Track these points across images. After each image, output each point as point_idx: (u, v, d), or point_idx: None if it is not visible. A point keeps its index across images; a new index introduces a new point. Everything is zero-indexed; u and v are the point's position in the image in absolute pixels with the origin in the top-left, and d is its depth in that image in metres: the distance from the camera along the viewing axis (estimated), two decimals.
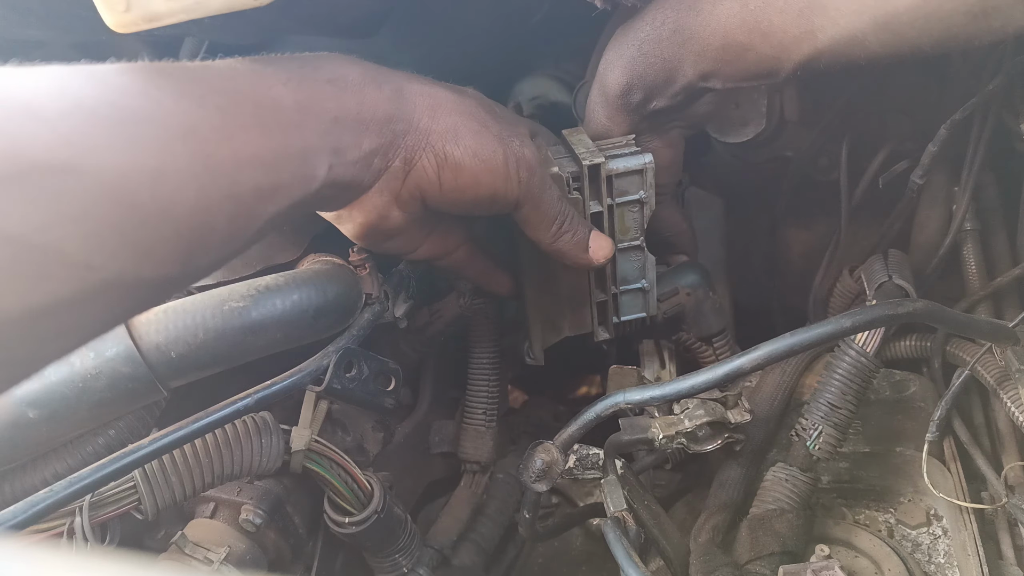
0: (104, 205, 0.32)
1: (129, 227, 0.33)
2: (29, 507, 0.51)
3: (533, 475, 0.57)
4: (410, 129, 0.52)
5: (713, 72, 0.58)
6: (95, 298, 0.33)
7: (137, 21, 0.42)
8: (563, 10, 0.74)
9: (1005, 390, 0.62)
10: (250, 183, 0.41)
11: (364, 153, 0.49)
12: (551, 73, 1.01)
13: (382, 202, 0.55)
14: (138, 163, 0.34)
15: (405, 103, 0.53)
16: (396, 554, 0.65)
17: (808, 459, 0.63)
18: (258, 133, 0.42)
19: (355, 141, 0.48)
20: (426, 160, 0.53)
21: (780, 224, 0.90)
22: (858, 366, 0.63)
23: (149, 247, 0.35)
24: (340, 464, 0.61)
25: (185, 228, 0.36)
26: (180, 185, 0.36)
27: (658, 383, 0.57)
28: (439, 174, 0.54)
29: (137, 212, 0.34)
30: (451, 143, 0.53)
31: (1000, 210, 0.80)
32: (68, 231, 0.31)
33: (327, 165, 0.46)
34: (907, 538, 0.66)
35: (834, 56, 0.53)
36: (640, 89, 0.62)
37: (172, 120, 0.37)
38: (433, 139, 0.53)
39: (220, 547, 0.60)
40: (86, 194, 0.32)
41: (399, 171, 0.52)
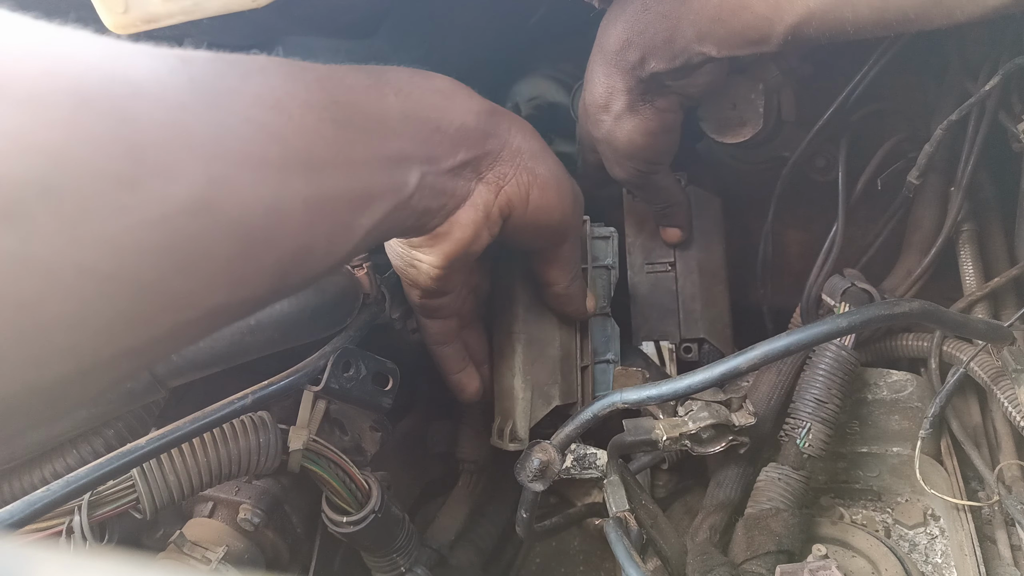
0: (222, 243, 0.31)
1: (237, 261, 0.32)
2: (28, 506, 0.51)
3: (530, 475, 0.57)
4: (505, 146, 0.54)
5: (710, 32, 0.59)
6: (189, 327, 0.32)
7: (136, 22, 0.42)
8: (561, 11, 0.74)
9: (1001, 389, 0.63)
10: (346, 194, 0.40)
11: (457, 163, 0.50)
12: (549, 74, 1.01)
13: (477, 217, 0.54)
14: (260, 199, 0.33)
15: (501, 122, 0.55)
16: (394, 553, 0.65)
17: (799, 457, 0.63)
18: (362, 144, 0.42)
19: (450, 151, 0.50)
20: (520, 175, 0.55)
21: (776, 224, 0.90)
22: (839, 360, 0.64)
23: (248, 276, 0.34)
24: (338, 464, 0.61)
25: (287, 254, 0.36)
26: (289, 216, 0.35)
27: (654, 383, 0.57)
28: (529, 191, 0.56)
29: (247, 246, 0.33)
30: (540, 163, 0.57)
31: (997, 210, 0.80)
32: (181, 269, 0.30)
33: (419, 173, 0.47)
34: (904, 538, 0.66)
35: (824, 19, 0.54)
36: (638, 47, 0.63)
37: (295, 144, 0.36)
38: (525, 157, 0.56)
39: (218, 546, 0.60)
40: (210, 233, 0.30)
41: (492, 185, 0.54)
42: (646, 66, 0.64)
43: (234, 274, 0.33)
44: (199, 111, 0.31)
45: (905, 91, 0.82)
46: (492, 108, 0.56)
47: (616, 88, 0.66)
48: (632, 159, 0.71)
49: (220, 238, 0.31)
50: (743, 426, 0.61)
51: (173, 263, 0.29)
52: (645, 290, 0.82)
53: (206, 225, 0.30)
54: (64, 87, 0.27)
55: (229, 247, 0.32)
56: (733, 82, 0.76)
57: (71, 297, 0.26)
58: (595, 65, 0.68)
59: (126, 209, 0.27)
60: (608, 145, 0.71)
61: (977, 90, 0.69)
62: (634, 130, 0.68)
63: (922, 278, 0.77)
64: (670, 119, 0.69)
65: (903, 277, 0.80)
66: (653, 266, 0.83)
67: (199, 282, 0.31)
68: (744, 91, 0.76)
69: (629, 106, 0.67)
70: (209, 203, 0.30)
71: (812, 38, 0.56)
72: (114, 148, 0.27)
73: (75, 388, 0.29)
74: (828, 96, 0.79)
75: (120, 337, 0.29)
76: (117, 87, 0.28)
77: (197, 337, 0.34)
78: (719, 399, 0.61)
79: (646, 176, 0.74)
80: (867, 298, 0.69)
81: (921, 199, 0.79)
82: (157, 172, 0.28)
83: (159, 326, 0.30)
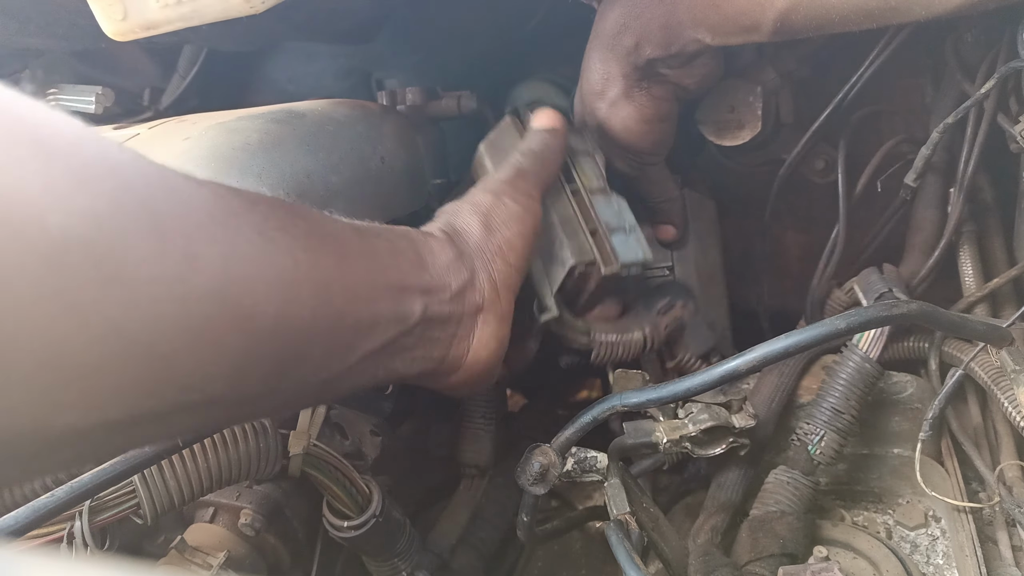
0: (230, 334, 0.34)
1: (241, 354, 0.35)
2: (33, 512, 0.51)
3: (531, 478, 0.57)
4: (476, 253, 0.55)
5: (704, 18, 0.60)
6: (187, 411, 0.34)
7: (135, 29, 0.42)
8: (559, 14, 0.75)
9: (1001, 390, 0.62)
10: (350, 315, 0.43)
11: (454, 291, 0.51)
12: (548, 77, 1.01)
13: (499, 324, 0.55)
14: (269, 301, 0.36)
15: (459, 236, 0.55)
16: (395, 558, 0.65)
17: (810, 463, 0.63)
18: (364, 271, 0.45)
19: (444, 282, 0.51)
20: (499, 263, 0.55)
21: (776, 227, 0.90)
22: (862, 372, 0.63)
23: (249, 371, 0.36)
24: (338, 468, 0.61)
25: (287, 358, 0.38)
26: (294, 322, 0.38)
27: (654, 386, 0.57)
28: (512, 262, 0.56)
29: (252, 342, 0.35)
30: (497, 233, 0.56)
31: (997, 211, 0.80)
32: (193, 350, 0.32)
33: (423, 304, 0.48)
34: (906, 539, 0.66)
35: (811, 6, 0.55)
36: (634, 32, 0.63)
37: (303, 261, 0.39)
38: (490, 245, 0.55)
39: (219, 551, 0.60)
40: (221, 322, 0.33)
41: (489, 291, 0.54)
42: (642, 52, 0.64)
43: (237, 366, 0.35)
44: (221, 219, 0.34)
45: (903, 93, 0.83)
46: (450, 229, 0.55)
47: (612, 74, 0.67)
48: (627, 148, 0.72)
49: (229, 329, 0.34)
50: (743, 428, 0.61)
51: (186, 342, 0.32)
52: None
53: (219, 314, 0.33)
54: (111, 170, 0.30)
55: (236, 339, 0.34)
56: (731, 85, 0.76)
57: (94, 347, 0.28)
58: (591, 51, 0.68)
59: (154, 281, 0.30)
60: (604, 133, 0.71)
61: (975, 92, 0.69)
62: (629, 117, 0.69)
63: (926, 280, 0.77)
64: (665, 108, 0.69)
65: (907, 278, 0.80)
66: (651, 271, 0.83)
67: (205, 366, 0.33)
68: (742, 94, 0.76)
69: (625, 92, 0.67)
70: (224, 296, 0.33)
71: (800, 27, 0.57)
72: (148, 229, 0.30)
73: (72, 444, 0.30)
74: (826, 99, 0.79)
75: (127, 401, 0.31)
76: (155, 181, 0.32)
77: (190, 428, 0.37)
78: (719, 401, 0.61)
79: (640, 167, 0.74)
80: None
81: (921, 200, 0.79)
82: (183, 259, 0.31)
83: (162, 400, 0.32)
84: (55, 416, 0.28)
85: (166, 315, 0.30)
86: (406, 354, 0.49)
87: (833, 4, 0.55)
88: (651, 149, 0.72)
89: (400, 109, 0.85)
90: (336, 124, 0.69)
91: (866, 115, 0.82)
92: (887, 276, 0.72)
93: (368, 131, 0.72)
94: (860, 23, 0.56)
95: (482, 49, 0.97)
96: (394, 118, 0.77)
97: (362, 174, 0.69)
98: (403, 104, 0.86)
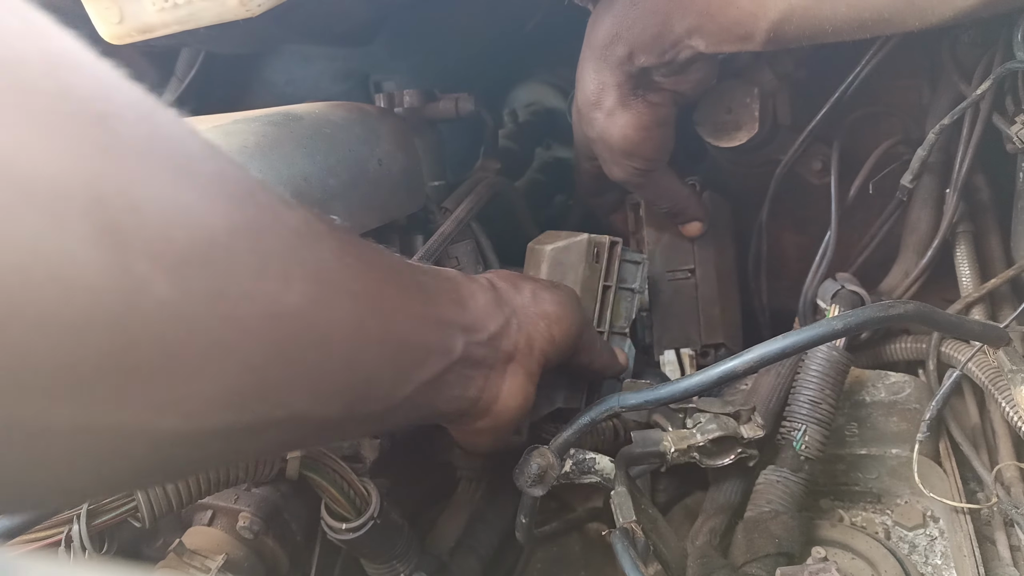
0: (312, 353, 0.36)
1: (320, 374, 0.37)
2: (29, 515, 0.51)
3: (529, 480, 0.57)
4: (516, 308, 0.57)
5: (699, 27, 0.60)
6: (270, 427, 0.35)
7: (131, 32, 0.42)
8: (557, 17, 0.75)
9: (999, 390, 0.63)
10: (409, 342, 0.46)
11: (490, 334, 0.54)
12: (546, 79, 1.01)
13: (527, 379, 0.57)
14: (346, 323, 0.38)
15: (501, 290, 0.58)
16: (394, 560, 0.65)
17: (797, 460, 0.63)
18: (417, 302, 0.47)
19: (482, 323, 0.53)
20: (538, 325, 0.58)
21: (774, 228, 0.90)
22: (831, 361, 0.65)
23: (326, 392, 0.38)
24: (336, 471, 0.61)
25: (359, 383, 0.41)
26: (364, 346, 0.40)
27: (652, 387, 0.57)
28: (550, 331, 0.58)
29: (330, 362, 0.37)
30: (544, 304, 0.59)
31: (994, 212, 0.80)
32: (282, 364, 0.34)
33: (463, 341, 0.51)
34: (904, 539, 0.66)
35: (804, 16, 0.55)
36: (626, 41, 0.63)
37: (368, 289, 0.42)
38: (533, 310, 0.59)
39: (218, 554, 0.60)
40: (305, 341, 0.35)
41: (523, 344, 0.56)
42: (635, 61, 0.64)
43: (317, 386, 0.37)
44: (309, 242, 0.36)
45: (900, 94, 0.83)
46: (496, 277, 0.59)
47: (606, 83, 0.67)
48: (628, 157, 0.72)
49: (311, 349, 0.35)
50: (752, 438, 0.61)
51: (275, 356, 0.33)
52: (667, 298, 0.83)
53: (303, 333, 0.35)
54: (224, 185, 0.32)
55: (316, 358, 0.36)
56: (728, 87, 0.76)
57: (202, 354, 0.29)
58: (585, 62, 0.68)
59: (253, 298, 0.31)
60: (603, 143, 0.71)
61: (971, 93, 0.69)
62: (627, 125, 0.69)
63: (919, 280, 0.77)
64: (663, 113, 0.70)
65: (900, 279, 0.80)
66: (674, 273, 0.83)
67: (291, 382, 0.35)
68: (740, 95, 0.76)
69: (621, 101, 0.67)
70: (308, 317, 0.35)
71: (792, 37, 0.57)
72: (251, 247, 0.32)
73: (172, 449, 0.31)
74: (823, 100, 0.79)
75: (224, 411, 0.32)
76: (259, 198, 0.34)
77: (276, 446, 0.39)
78: (727, 411, 0.61)
79: (644, 174, 0.74)
80: (857, 300, 0.69)
81: (917, 201, 0.79)
82: (279, 278, 0.33)
83: (254, 414, 0.33)
84: (162, 418, 0.29)
85: (260, 331, 0.32)
86: (447, 391, 0.51)
87: (826, 15, 0.55)
88: (652, 155, 0.72)
89: (398, 111, 0.86)
90: (333, 127, 0.69)
91: (863, 116, 0.82)
92: (841, 278, 0.73)
93: (366, 133, 0.72)
94: (853, 33, 0.56)
95: (480, 51, 0.97)
96: (392, 120, 0.77)
97: (360, 176, 0.69)
98: (401, 106, 0.86)
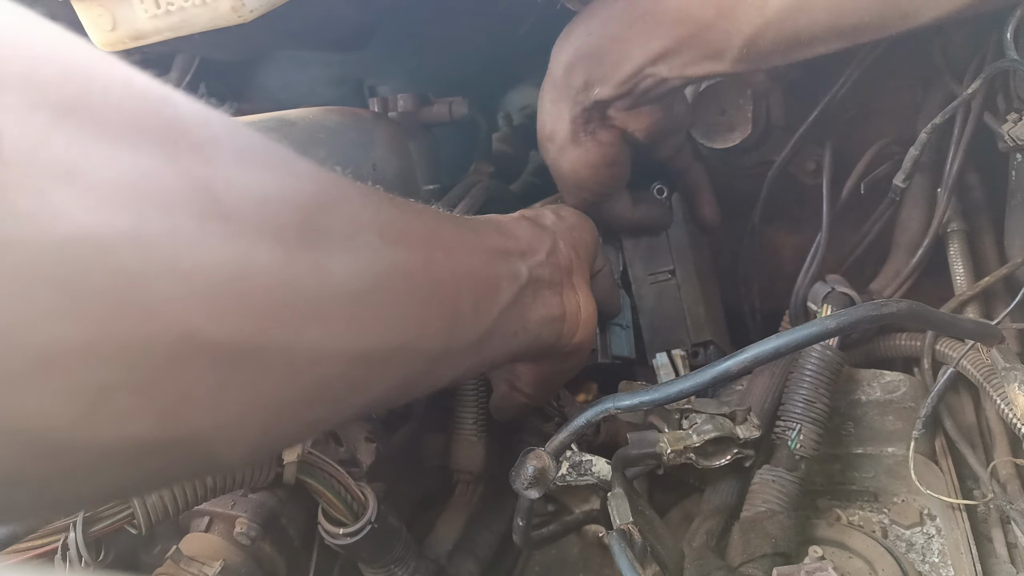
0: (401, 286, 0.40)
1: (409, 305, 0.40)
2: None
3: (525, 482, 0.57)
4: (554, 230, 0.61)
5: (663, 52, 0.59)
6: (393, 356, 0.39)
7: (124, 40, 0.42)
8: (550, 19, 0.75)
9: (994, 387, 0.63)
10: (478, 272, 0.50)
11: (547, 253, 0.57)
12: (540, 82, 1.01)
13: (587, 286, 0.62)
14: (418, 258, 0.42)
15: (535, 218, 0.62)
16: (391, 564, 0.65)
17: (792, 459, 0.63)
18: (474, 237, 0.52)
19: (535, 248, 0.57)
20: (574, 236, 0.62)
21: (768, 229, 0.91)
22: (825, 360, 0.65)
23: (425, 322, 0.42)
24: (333, 475, 0.61)
25: (448, 307, 0.44)
26: (439, 278, 0.44)
27: (647, 388, 0.57)
28: (584, 238, 0.64)
29: (417, 293, 0.41)
30: (568, 218, 0.64)
31: (986, 210, 0.81)
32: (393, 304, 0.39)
33: (526, 266, 0.54)
34: (901, 538, 0.66)
35: (780, 29, 0.54)
36: (582, 71, 0.63)
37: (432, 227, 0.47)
38: (564, 225, 0.63)
39: (215, 561, 0.60)
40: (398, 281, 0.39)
41: (573, 256, 0.61)
42: (590, 91, 0.64)
43: (413, 315, 0.41)
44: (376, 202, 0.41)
45: (892, 94, 0.83)
46: (522, 212, 0.63)
47: (561, 117, 0.67)
48: (578, 188, 0.72)
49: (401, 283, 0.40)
50: (748, 439, 0.61)
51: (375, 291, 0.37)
52: (651, 301, 0.83)
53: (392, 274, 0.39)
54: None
55: (407, 291, 0.40)
56: (721, 87, 0.77)
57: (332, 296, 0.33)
58: (543, 92, 0.68)
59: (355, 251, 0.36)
60: (555, 173, 0.72)
61: (962, 92, 0.70)
62: (576, 161, 0.69)
63: (910, 278, 0.77)
64: (612, 153, 0.69)
65: (891, 278, 0.80)
66: (655, 276, 0.83)
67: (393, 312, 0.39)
68: (733, 96, 0.76)
69: (572, 137, 0.67)
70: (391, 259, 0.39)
71: (766, 52, 0.56)
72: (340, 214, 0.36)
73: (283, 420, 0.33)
74: (817, 100, 0.80)
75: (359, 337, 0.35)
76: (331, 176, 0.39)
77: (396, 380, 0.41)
78: (723, 412, 0.61)
79: (594, 204, 0.74)
80: (847, 301, 0.70)
81: (909, 200, 0.80)
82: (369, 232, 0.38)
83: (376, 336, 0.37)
84: (335, 340, 0.34)
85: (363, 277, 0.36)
86: (532, 314, 0.54)
87: (803, 25, 0.53)
88: (601, 190, 0.73)
89: (392, 116, 0.86)
90: (327, 132, 0.69)
91: (856, 116, 0.82)
92: (832, 280, 0.74)
93: (360, 138, 0.72)
94: (830, 44, 0.54)
95: (473, 55, 0.98)
96: (386, 125, 0.77)
97: None
98: (395, 111, 0.86)
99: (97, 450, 0.26)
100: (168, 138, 0.27)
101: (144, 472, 0.29)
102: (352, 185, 0.40)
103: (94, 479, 0.28)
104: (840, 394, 0.71)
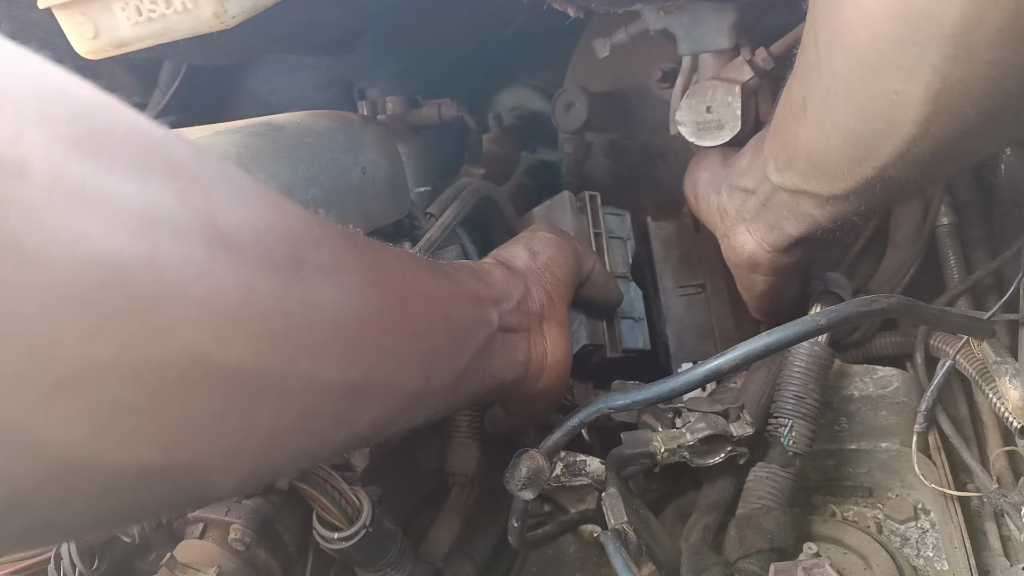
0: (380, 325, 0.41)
1: (389, 340, 0.41)
2: None
3: (519, 483, 0.57)
4: (526, 273, 0.63)
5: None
6: (375, 390, 0.40)
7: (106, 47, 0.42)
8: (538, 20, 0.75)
9: (987, 381, 0.63)
10: (451, 318, 0.51)
11: (517, 301, 0.59)
12: (529, 83, 1.01)
13: (561, 328, 0.63)
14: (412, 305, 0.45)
15: (507, 262, 0.64)
16: (387, 568, 0.65)
17: (785, 455, 0.63)
18: (449, 283, 0.53)
19: (507, 295, 0.59)
20: (547, 276, 0.64)
21: None
22: (814, 356, 0.65)
23: (405, 360, 0.43)
24: (327, 480, 0.60)
25: (426, 347, 0.46)
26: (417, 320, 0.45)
27: (639, 387, 0.57)
28: (556, 276, 0.65)
29: (400, 332, 0.43)
30: (541, 256, 0.65)
31: (977, 204, 0.81)
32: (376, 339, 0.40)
33: (496, 312, 0.56)
34: (896, 533, 0.67)
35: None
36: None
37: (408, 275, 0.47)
38: (536, 266, 0.64)
39: (210, 567, 0.60)
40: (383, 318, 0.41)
41: (545, 300, 0.62)
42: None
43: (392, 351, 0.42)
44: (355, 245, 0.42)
45: None
46: (506, 261, 0.64)
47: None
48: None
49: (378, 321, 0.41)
50: (741, 436, 0.61)
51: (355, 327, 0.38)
52: (680, 313, 0.83)
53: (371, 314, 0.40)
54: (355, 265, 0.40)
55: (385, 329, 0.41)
56: (710, 86, 0.76)
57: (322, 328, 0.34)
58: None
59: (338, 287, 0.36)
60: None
61: None
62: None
63: (907, 274, 0.77)
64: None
65: (890, 275, 0.81)
66: (684, 289, 0.84)
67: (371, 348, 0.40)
68: (721, 94, 0.76)
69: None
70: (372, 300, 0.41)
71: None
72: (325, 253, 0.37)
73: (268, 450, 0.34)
74: None
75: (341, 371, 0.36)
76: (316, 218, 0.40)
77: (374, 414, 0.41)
78: (716, 410, 0.61)
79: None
80: (836, 299, 0.70)
81: None
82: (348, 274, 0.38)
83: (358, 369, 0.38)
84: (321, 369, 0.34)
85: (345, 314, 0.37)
86: (499, 358, 0.56)
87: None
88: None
89: (381, 119, 0.85)
90: (316, 135, 0.69)
91: None
92: (829, 278, 0.74)
93: (348, 141, 0.72)
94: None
95: (462, 56, 0.98)
96: (375, 128, 0.77)
97: (343, 185, 0.69)
98: (384, 113, 0.86)
99: (103, 475, 0.26)
100: (171, 173, 0.28)
101: (140, 500, 0.29)
102: (334, 226, 0.41)
103: (92, 506, 0.28)
104: (832, 390, 0.71)
